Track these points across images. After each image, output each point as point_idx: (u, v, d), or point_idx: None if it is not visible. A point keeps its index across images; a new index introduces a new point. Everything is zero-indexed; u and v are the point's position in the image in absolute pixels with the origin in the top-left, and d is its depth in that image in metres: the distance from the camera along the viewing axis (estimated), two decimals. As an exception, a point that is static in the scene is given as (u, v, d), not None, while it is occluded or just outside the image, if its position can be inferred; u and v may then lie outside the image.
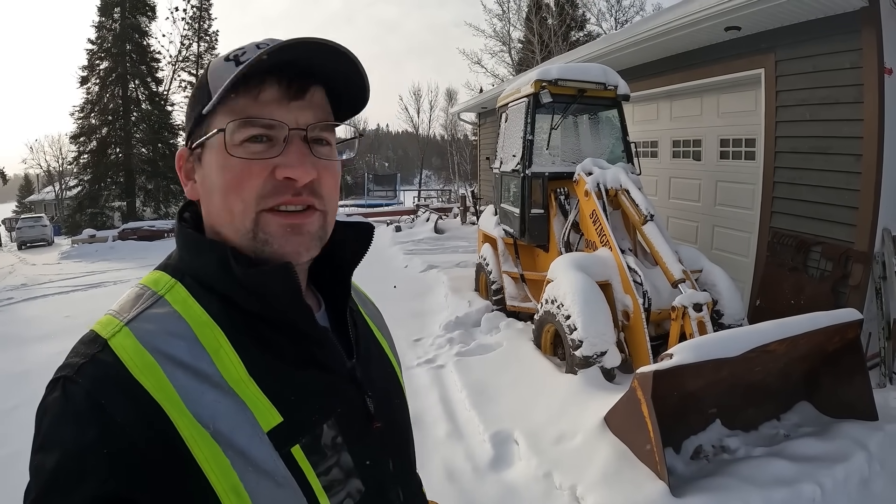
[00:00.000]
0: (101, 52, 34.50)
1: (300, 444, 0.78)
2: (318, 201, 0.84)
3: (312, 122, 0.83)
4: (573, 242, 5.87)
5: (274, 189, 0.80)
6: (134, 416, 0.67)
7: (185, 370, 0.73)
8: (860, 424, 3.51)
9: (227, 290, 0.81)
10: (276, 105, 0.81)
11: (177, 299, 0.80)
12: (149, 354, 0.72)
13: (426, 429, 4.35)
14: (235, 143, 0.80)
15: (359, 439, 0.87)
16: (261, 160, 0.80)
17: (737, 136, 6.71)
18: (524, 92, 6.30)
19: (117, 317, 0.77)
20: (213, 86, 0.82)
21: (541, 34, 29.00)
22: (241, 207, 0.80)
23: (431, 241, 14.54)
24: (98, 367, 0.71)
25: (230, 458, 0.71)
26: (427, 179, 67.60)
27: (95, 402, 0.67)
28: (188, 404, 0.70)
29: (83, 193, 35.01)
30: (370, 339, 1.08)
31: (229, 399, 0.74)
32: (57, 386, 0.71)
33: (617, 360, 4.55)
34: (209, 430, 0.70)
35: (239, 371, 0.76)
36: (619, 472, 3.25)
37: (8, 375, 6.54)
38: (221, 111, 0.80)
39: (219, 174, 0.82)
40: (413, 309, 7.63)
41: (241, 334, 0.79)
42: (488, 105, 14.66)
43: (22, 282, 15.39)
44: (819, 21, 5.22)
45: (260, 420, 0.75)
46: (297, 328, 0.84)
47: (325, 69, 0.83)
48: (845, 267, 5.10)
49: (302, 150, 0.82)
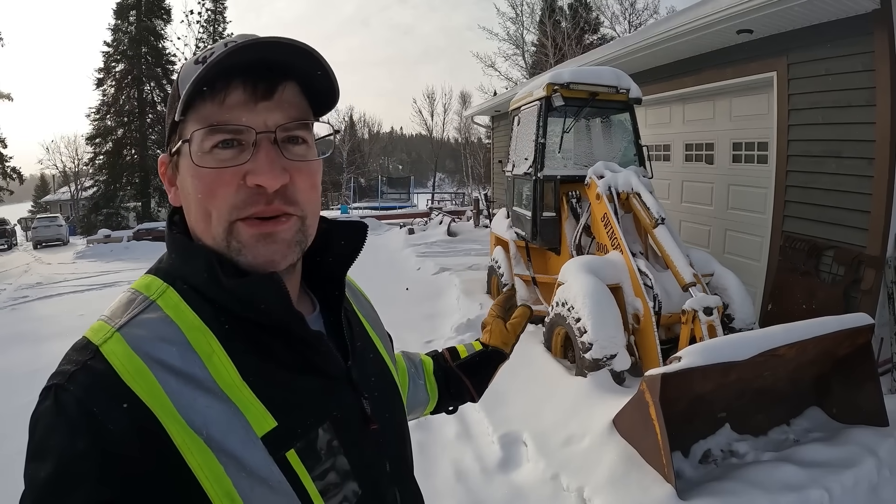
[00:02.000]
0: (116, 55, 34.89)
1: (295, 448, 0.77)
2: (292, 207, 0.82)
3: (282, 123, 0.81)
4: (584, 245, 5.87)
5: (246, 198, 0.78)
6: (126, 424, 0.67)
7: (176, 376, 0.72)
8: (870, 430, 3.48)
9: (217, 297, 0.80)
10: (243, 108, 0.78)
11: (168, 304, 0.79)
12: (140, 360, 0.71)
13: (435, 429, 4.37)
14: (204, 150, 0.78)
15: (355, 442, 0.86)
16: (231, 167, 0.78)
17: (749, 140, 6.68)
18: (536, 95, 6.30)
19: (109, 322, 0.77)
20: (182, 90, 0.79)
21: (554, 37, 28.93)
22: (215, 216, 0.79)
23: (444, 244, 14.61)
24: (89, 374, 0.70)
25: (223, 463, 0.70)
26: (440, 182, 67.71)
27: (87, 410, 0.67)
28: (180, 410, 0.70)
29: (98, 194, 35.45)
30: (365, 340, 1.06)
31: (222, 404, 0.73)
32: (49, 394, 0.70)
33: (627, 364, 4.54)
34: (202, 436, 0.70)
35: (232, 376, 0.75)
36: (626, 474, 3.25)
37: (23, 372, 6.61)
38: (191, 118, 0.79)
39: (192, 183, 0.80)
40: (425, 311, 7.66)
41: (234, 339, 0.79)
42: (502, 108, 14.64)
43: (37, 280, 15.60)
44: (831, 24, 5.19)
45: (254, 425, 0.74)
46: (290, 333, 0.82)
47: (295, 66, 0.80)
48: (857, 271, 5.06)
49: (271, 154, 0.79)
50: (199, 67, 0.77)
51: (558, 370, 4.93)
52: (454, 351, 1.49)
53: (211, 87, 0.77)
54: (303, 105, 0.85)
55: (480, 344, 1.51)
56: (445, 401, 1.45)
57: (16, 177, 33.49)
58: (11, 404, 5.53)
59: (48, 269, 18.79)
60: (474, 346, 1.51)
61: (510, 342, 1.52)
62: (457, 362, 1.45)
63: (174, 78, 0.92)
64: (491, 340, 1.50)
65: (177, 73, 0.87)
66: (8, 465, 4.07)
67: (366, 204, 38.80)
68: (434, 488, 3.64)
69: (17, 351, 7.80)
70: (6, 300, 12.62)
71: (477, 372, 1.45)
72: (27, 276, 16.88)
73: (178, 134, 0.82)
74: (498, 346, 1.50)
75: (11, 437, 4.67)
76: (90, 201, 36.40)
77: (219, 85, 0.77)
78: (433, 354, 1.50)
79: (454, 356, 1.47)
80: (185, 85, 0.78)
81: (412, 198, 43.05)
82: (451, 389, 1.44)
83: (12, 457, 3.97)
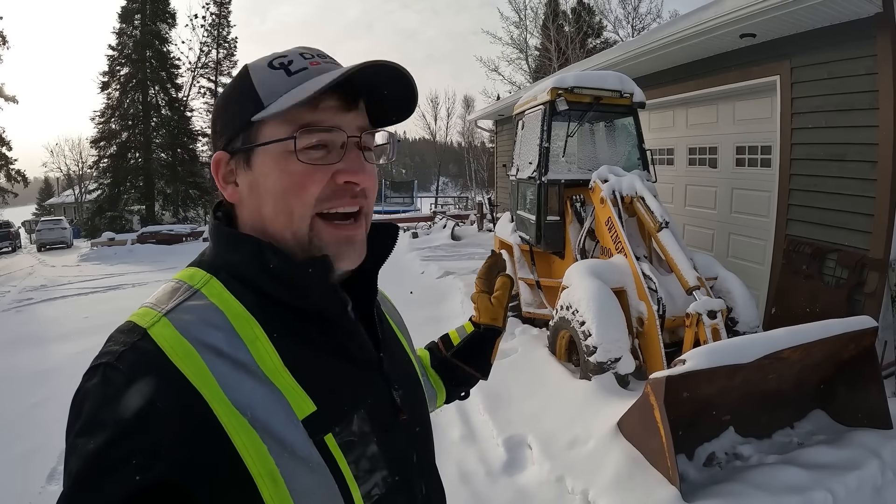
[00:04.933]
0: (121, 59, 35.12)
1: (333, 432, 0.80)
2: (367, 204, 0.90)
3: (364, 128, 0.88)
4: (589, 249, 5.89)
5: (333, 193, 0.85)
6: (175, 403, 0.69)
7: (223, 359, 0.75)
8: (874, 433, 3.49)
9: (262, 283, 0.83)
10: (334, 113, 0.84)
11: (213, 293, 0.82)
12: (188, 343, 0.74)
13: (440, 431, 4.38)
14: (298, 149, 0.83)
15: (386, 430, 0.89)
16: (323, 166, 0.84)
17: (752, 144, 6.69)
18: (541, 99, 6.32)
19: (155, 308, 0.79)
20: (264, 93, 0.84)
21: (558, 41, 28.96)
22: (301, 210, 0.84)
23: (448, 248, 14.59)
24: (139, 353, 0.72)
25: (267, 444, 0.73)
26: (444, 186, 67.60)
27: (137, 387, 0.69)
28: (227, 392, 0.73)
29: (103, 197, 35.61)
30: (392, 337, 1.11)
31: (266, 388, 0.76)
32: (97, 372, 0.72)
33: (631, 367, 4.55)
34: (247, 417, 0.73)
35: (274, 361, 0.78)
36: (631, 476, 3.27)
37: (29, 374, 6.67)
38: (275, 118, 0.83)
39: (279, 178, 0.84)
40: (429, 315, 7.65)
41: (276, 326, 0.82)
42: (505, 112, 14.64)
43: (42, 283, 15.64)
44: (834, 27, 5.21)
45: (295, 408, 0.77)
46: (329, 320, 0.87)
47: (373, 82, 0.87)
48: (861, 275, 5.07)
49: (359, 156, 0.87)
50: (282, 73, 0.85)
51: (563, 373, 4.94)
52: (447, 339, 1.51)
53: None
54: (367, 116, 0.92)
55: (472, 324, 1.51)
56: (452, 389, 1.47)
57: (20, 179, 33.51)
58: (19, 406, 5.59)
59: (52, 271, 18.83)
60: (465, 328, 1.52)
61: (499, 316, 1.52)
62: (451, 351, 1.47)
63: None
64: (480, 318, 1.51)
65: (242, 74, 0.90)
66: (17, 464, 4.10)
67: (369, 208, 38.70)
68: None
69: (22, 353, 7.85)
70: (11, 302, 12.66)
71: (472, 355, 1.47)
72: (31, 279, 16.91)
73: (254, 132, 0.85)
74: (488, 323, 1.50)
75: (21, 438, 4.73)
76: (94, 204, 36.55)
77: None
78: (429, 346, 1.52)
79: (447, 345, 1.49)
80: (266, 87, 0.85)
81: (416, 202, 43.04)
82: (454, 378, 1.46)
83: (22, 457, 4.01)
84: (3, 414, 5.43)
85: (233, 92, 0.90)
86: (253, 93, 0.85)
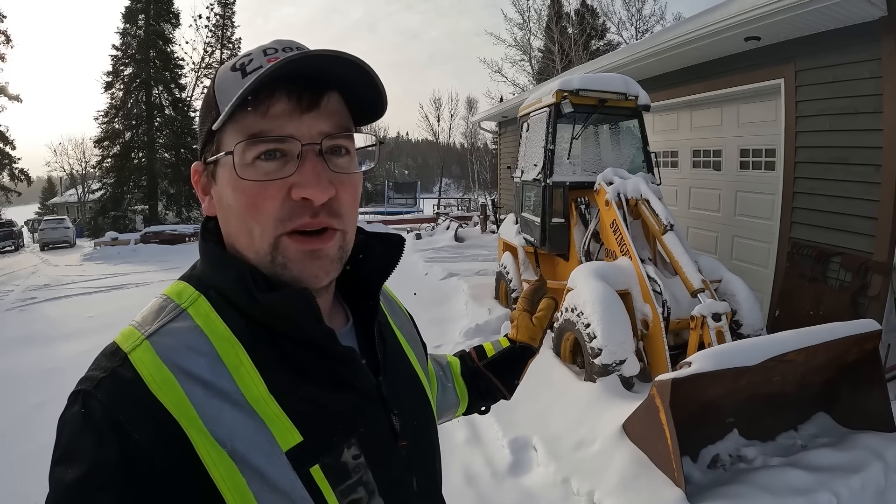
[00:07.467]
0: (125, 58, 35.04)
1: (320, 464, 0.76)
2: (336, 220, 0.81)
3: (327, 133, 0.79)
4: (593, 251, 5.90)
5: (291, 211, 0.77)
6: (151, 434, 0.67)
7: (203, 387, 0.72)
8: (878, 436, 3.51)
9: (249, 309, 0.78)
10: (287, 118, 0.76)
11: (199, 313, 0.78)
12: (167, 370, 0.71)
13: (445, 434, 4.36)
14: (247, 162, 0.76)
15: (382, 459, 0.85)
16: (275, 181, 0.76)
17: (757, 147, 6.70)
18: (546, 102, 6.34)
19: (139, 329, 0.77)
20: (220, 99, 0.79)
21: (561, 43, 28.95)
22: (259, 231, 0.78)
23: (451, 250, 14.61)
24: (117, 382, 0.71)
25: (246, 477, 0.70)
26: (447, 188, 67.71)
27: (114, 418, 0.67)
28: (205, 422, 0.70)
29: (106, 196, 35.63)
30: (398, 354, 1.04)
31: (248, 417, 0.73)
32: (77, 399, 0.71)
33: (636, 369, 4.57)
34: (226, 449, 0.70)
35: (259, 389, 0.75)
36: (636, 478, 3.28)
37: (34, 373, 6.68)
38: (231, 127, 0.77)
39: (233, 196, 0.78)
40: (433, 316, 7.66)
41: (264, 351, 0.78)
42: (509, 114, 14.66)
43: (45, 282, 15.69)
44: (839, 31, 5.21)
45: (279, 439, 0.73)
46: (320, 347, 0.81)
47: (339, 75, 0.78)
48: (865, 278, 5.07)
49: (317, 166, 0.77)
50: (238, 75, 0.78)
51: (568, 375, 4.96)
52: (481, 350, 1.48)
53: (255, 96, 0.74)
54: (345, 114, 0.83)
55: (508, 340, 1.49)
56: (476, 401, 1.45)
57: (24, 178, 33.52)
58: (22, 405, 5.61)
59: (55, 270, 18.84)
60: (501, 343, 1.49)
61: (537, 336, 1.49)
62: (484, 361, 1.44)
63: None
64: (518, 336, 1.48)
65: (210, 79, 0.85)
66: (20, 464, 4.13)
67: (372, 209, 38.64)
68: (444, 493, 3.66)
69: (26, 352, 7.87)
70: (14, 301, 12.69)
71: (505, 370, 1.44)
72: (35, 278, 16.95)
73: (216, 143, 0.80)
74: (525, 342, 1.47)
75: (23, 438, 4.75)
76: (97, 204, 36.59)
77: (262, 95, 0.75)
78: (460, 355, 1.49)
79: (481, 355, 1.46)
80: (223, 93, 0.79)
81: (419, 203, 43.00)
82: (481, 389, 1.43)
83: (25, 456, 4.03)
84: (6, 414, 5.47)
85: (205, 98, 0.85)
86: (213, 99, 0.81)
